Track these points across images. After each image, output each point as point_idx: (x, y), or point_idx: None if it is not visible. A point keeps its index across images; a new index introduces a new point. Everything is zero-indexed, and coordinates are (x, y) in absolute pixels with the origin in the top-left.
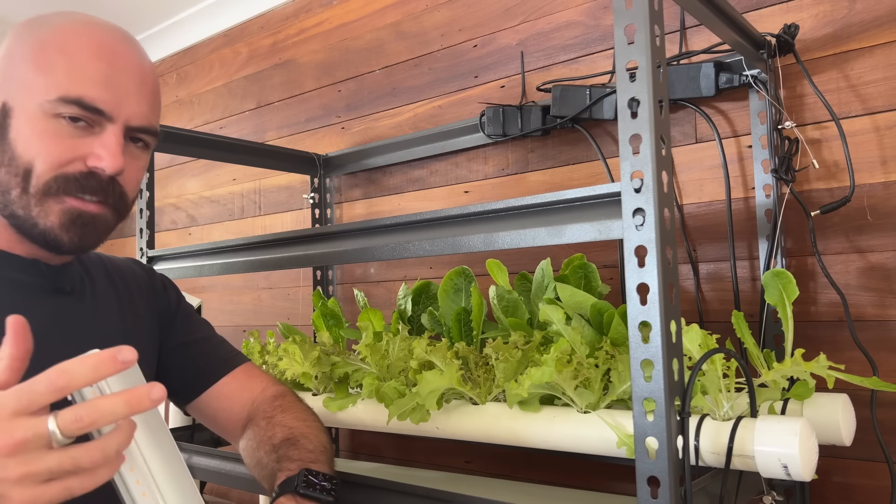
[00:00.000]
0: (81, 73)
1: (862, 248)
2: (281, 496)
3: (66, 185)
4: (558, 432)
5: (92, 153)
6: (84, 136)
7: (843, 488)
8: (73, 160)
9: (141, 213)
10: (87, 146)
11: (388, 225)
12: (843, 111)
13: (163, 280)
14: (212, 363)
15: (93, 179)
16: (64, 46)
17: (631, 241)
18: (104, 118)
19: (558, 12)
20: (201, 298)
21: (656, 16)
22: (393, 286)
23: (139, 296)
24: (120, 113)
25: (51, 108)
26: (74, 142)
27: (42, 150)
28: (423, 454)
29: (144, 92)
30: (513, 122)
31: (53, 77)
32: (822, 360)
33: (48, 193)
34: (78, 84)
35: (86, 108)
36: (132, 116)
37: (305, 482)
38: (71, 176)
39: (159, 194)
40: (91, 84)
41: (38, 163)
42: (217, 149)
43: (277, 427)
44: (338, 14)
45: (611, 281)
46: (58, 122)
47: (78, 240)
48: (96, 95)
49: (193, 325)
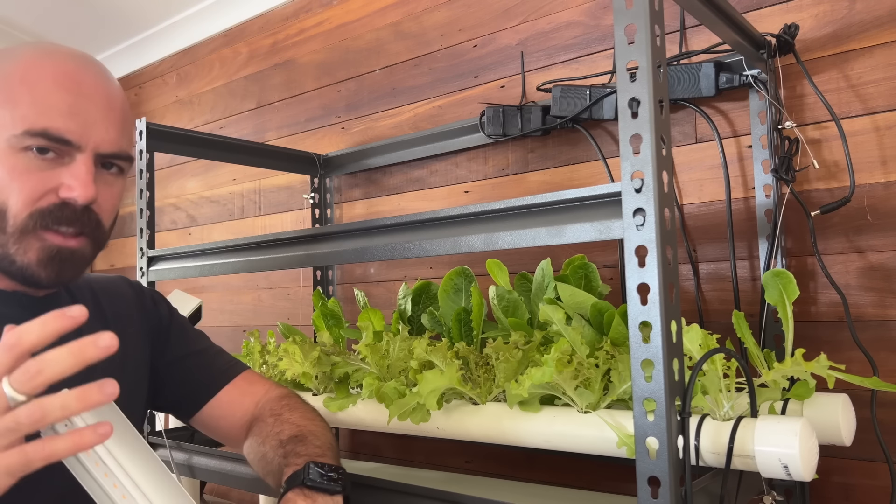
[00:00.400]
0: (45, 104)
1: (862, 248)
2: (289, 491)
3: (42, 219)
4: (558, 432)
5: (63, 184)
6: (54, 167)
7: (844, 488)
8: (45, 193)
9: (141, 213)
10: (57, 177)
11: (388, 225)
12: (843, 111)
13: (152, 296)
14: (212, 374)
15: (67, 210)
16: (26, 78)
17: (631, 241)
18: (72, 148)
19: (558, 12)
20: (201, 298)
21: (657, 16)
22: (393, 286)
23: (128, 316)
24: (88, 141)
25: (17, 142)
26: (44, 174)
27: (14, 188)
28: (423, 454)
29: (112, 117)
30: (513, 122)
31: (18, 110)
32: (822, 360)
33: (26, 231)
34: (42, 115)
35: (52, 139)
36: (101, 143)
37: (313, 474)
38: (46, 210)
39: (159, 194)
40: (56, 114)
41: (11, 201)
42: (217, 149)
43: (286, 424)
44: (338, 14)
45: (611, 281)
46: (26, 156)
47: (55, 275)
48: (62, 125)
49: (189, 338)
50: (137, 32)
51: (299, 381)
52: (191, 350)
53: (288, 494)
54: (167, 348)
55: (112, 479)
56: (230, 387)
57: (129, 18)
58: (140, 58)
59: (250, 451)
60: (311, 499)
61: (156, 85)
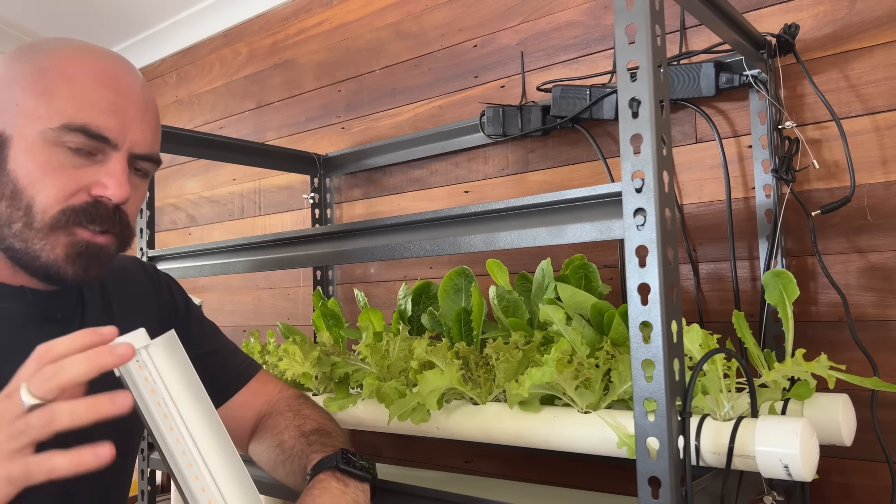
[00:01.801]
0: (85, 100)
1: (862, 248)
2: (321, 472)
3: (75, 216)
4: (559, 432)
5: (97, 182)
6: (87, 164)
7: (844, 488)
8: (77, 191)
9: (141, 213)
10: (90, 175)
11: (388, 225)
12: (844, 111)
13: (169, 284)
14: (228, 376)
15: (100, 208)
16: (65, 72)
17: (632, 241)
18: (108, 146)
19: (558, 12)
20: (201, 298)
21: (657, 16)
22: (393, 286)
23: (139, 305)
24: (125, 140)
25: (53, 135)
26: (78, 172)
27: (46, 183)
28: (423, 454)
29: (147, 119)
30: (513, 122)
31: (56, 103)
32: (822, 361)
33: (56, 227)
34: (82, 111)
35: (91, 136)
36: (136, 143)
37: (345, 460)
38: (79, 208)
39: (159, 194)
40: (96, 111)
41: (41, 197)
42: (217, 149)
43: (307, 419)
44: (338, 14)
45: (611, 281)
46: (60, 151)
47: (82, 272)
48: (101, 123)
49: (205, 335)
50: (137, 32)
51: (299, 381)
52: (207, 349)
53: (320, 475)
54: (184, 344)
55: (176, 432)
56: (244, 389)
57: (129, 18)
58: (140, 58)
59: (260, 442)
60: (344, 483)
61: (156, 85)
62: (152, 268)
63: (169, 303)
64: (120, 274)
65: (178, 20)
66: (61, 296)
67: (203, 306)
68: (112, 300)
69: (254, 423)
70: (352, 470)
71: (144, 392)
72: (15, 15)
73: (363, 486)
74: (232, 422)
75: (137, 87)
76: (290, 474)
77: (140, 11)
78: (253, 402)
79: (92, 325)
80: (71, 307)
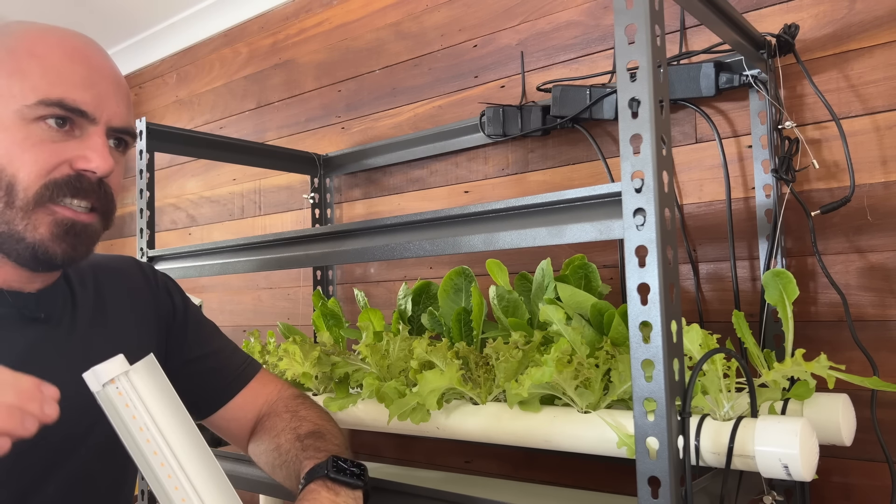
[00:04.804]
0: (59, 76)
1: (862, 248)
2: (311, 482)
3: (58, 190)
4: (559, 432)
5: (80, 156)
6: (67, 139)
7: (844, 488)
8: (59, 164)
9: (141, 213)
10: (71, 149)
11: (388, 225)
12: (843, 111)
13: (167, 285)
14: (228, 377)
15: (84, 181)
16: (34, 51)
17: (631, 241)
18: (86, 120)
19: (558, 12)
20: (201, 298)
21: (657, 16)
22: (393, 286)
23: (133, 305)
24: (102, 114)
25: (30, 112)
26: (58, 146)
27: (26, 159)
28: (423, 454)
29: (121, 93)
30: (513, 122)
31: (29, 81)
32: (822, 360)
33: (40, 203)
34: (57, 86)
35: (68, 110)
36: (113, 117)
37: (335, 467)
38: (61, 181)
39: (159, 194)
40: (71, 85)
41: (22, 174)
42: (217, 149)
43: (303, 420)
44: (338, 14)
45: (611, 281)
46: (38, 127)
47: (71, 249)
48: (78, 97)
49: (205, 336)
50: (137, 32)
51: (299, 381)
52: (207, 350)
53: (311, 485)
54: (184, 346)
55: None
56: (244, 390)
57: (129, 18)
58: (140, 58)
59: (259, 443)
60: (335, 491)
61: (156, 85)
62: (150, 269)
63: (167, 304)
64: (116, 275)
65: (178, 20)
66: (45, 296)
67: (203, 306)
68: (106, 301)
69: (253, 423)
70: (342, 478)
71: (126, 418)
72: (15, 14)
73: (355, 494)
74: (232, 423)
75: (108, 63)
76: (286, 479)
77: (140, 11)
78: (253, 402)
79: (83, 326)
80: (58, 307)
